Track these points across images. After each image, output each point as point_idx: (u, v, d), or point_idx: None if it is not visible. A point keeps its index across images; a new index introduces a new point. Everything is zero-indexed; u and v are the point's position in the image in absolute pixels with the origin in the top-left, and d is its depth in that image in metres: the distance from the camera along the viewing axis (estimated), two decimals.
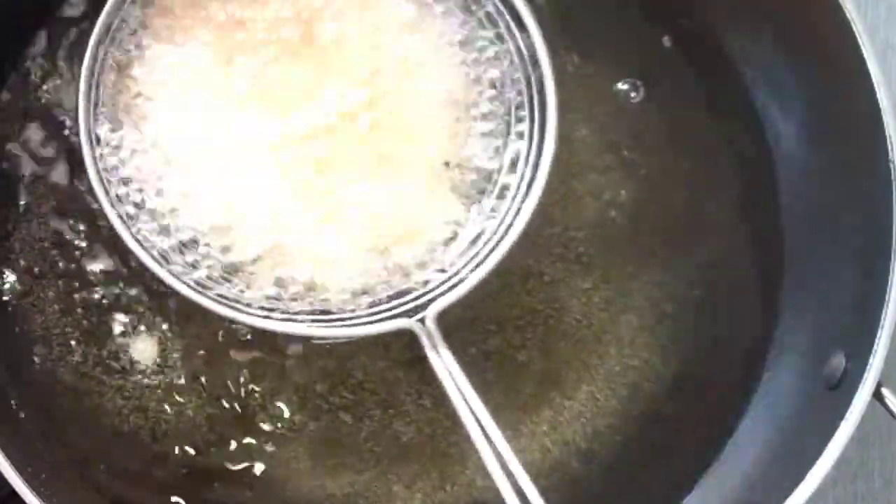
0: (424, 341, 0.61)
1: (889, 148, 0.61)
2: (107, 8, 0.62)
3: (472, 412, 0.59)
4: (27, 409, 0.66)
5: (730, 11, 0.70)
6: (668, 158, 0.70)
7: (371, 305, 0.63)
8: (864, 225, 0.64)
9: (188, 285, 0.61)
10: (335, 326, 0.62)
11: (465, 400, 0.59)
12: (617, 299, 0.69)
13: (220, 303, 0.62)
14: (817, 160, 0.68)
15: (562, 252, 0.69)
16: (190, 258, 0.62)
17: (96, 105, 0.63)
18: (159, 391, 0.67)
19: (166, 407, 0.67)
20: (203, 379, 0.67)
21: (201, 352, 0.67)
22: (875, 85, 0.62)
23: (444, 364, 0.60)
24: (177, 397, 0.67)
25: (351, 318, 0.62)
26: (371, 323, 0.62)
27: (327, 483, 0.67)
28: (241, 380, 0.67)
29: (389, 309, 0.62)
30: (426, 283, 0.63)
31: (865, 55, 0.62)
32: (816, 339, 0.66)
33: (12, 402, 0.66)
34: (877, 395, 0.60)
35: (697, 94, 0.71)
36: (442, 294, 0.62)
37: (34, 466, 0.60)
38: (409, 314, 0.62)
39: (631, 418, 0.68)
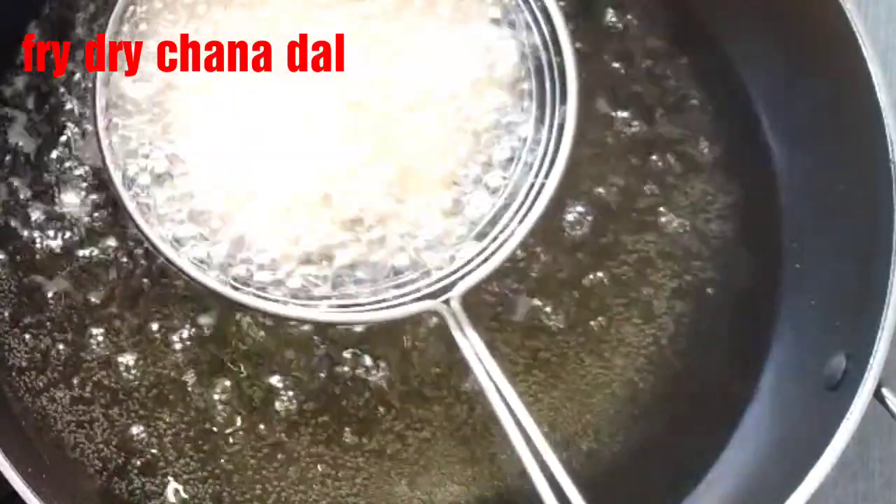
0: (451, 323, 0.60)
1: (889, 148, 0.61)
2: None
3: (500, 393, 0.59)
4: (22, 410, 0.67)
5: (729, 12, 0.70)
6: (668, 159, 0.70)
7: (394, 288, 0.62)
8: (864, 225, 0.64)
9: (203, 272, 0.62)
10: (359, 311, 0.62)
11: (493, 381, 0.59)
12: (617, 299, 0.69)
13: (239, 290, 0.61)
14: (817, 160, 0.68)
15: (562, 252, 0.69)
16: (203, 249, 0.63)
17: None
18: (160, 388, 0.67)
19: (166, 408, 0.67)
20: (200, 376, 0.67)
21: (198, 348, 0.67)
22: (875, 85, 0.62)
23: (472, 345, 0.60)
24: (175, 397, 0.67)
25: (375, 303, 0.62)
26: (396, 306, 0.61)
27: (327, 482, 0.67)
28: (238, 376, 0.67)
29: (413, 291, 0.62)
30: (451, 263, 0.62)
31: (865, 55, 0.62)
32: (816, 339, 0.66)
33: (9, 401, 0.67)
34: (877, 395, 0.60)
35: (697, 94, 0.71)
36: (467, 274, 0.62)
37: (34, 466, 0.60)
38: (433, 296, 0.61)
39: (631, 418, 0.68)
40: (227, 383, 0.67)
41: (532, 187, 0.63)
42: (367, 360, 0.67)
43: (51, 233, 0.68)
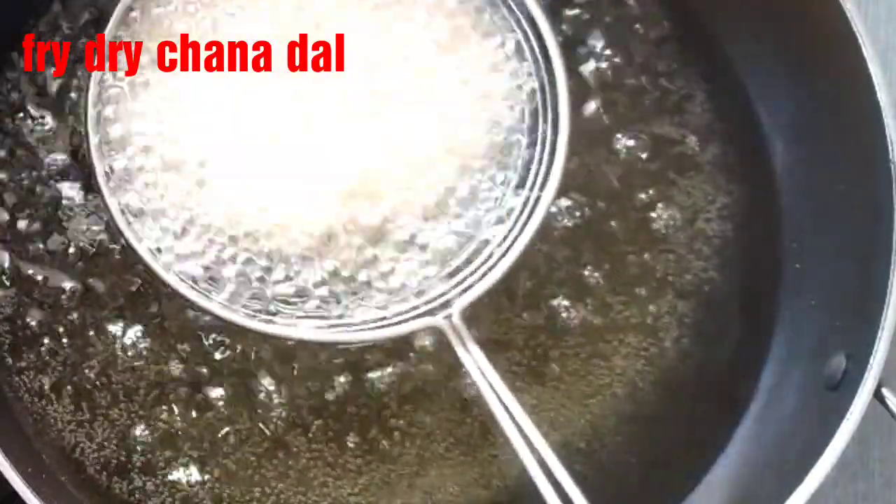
0: (453, 339, 0.60)
1: (889, 148, 0.61)
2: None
3: (505, 407, 0.59)
4: (22, 410, 0.67)
5: (729, 12, 0.70)
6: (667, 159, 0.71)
7: (394, 305, 0.62)
8: (864, 226, 0.64)
9: (203, 294, 0.61)
10: (358, 330, 0.61)
11: (497, 394, 0.59)
12: (618, 298, 0.69)
13: (236, 311, 0.61)
14: (817, 160, 0.68)
15: (560, 253, 0.69)
16: (200, 253, 0.62)
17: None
18: (160, 388, 0.67)
19: (166, 408, 0.67)
20: (200, 376, 0.67)
21: (199, 348, 0.67)
22: (875, 85, 0.62)
23: (475, 360, 0.60)
24: (175, 397, 0.67)
25: (374, 321, 0.62)
26: (395, 324, 0.61)
27: (327, 482, 0.67)
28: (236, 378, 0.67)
29: (413, 308, 0.62)
30: (450, 279, 0.62)
31: (865, 55, 0.62)
32: (816, 339, 0.66)
33: (9, 401, 0.67)
34: (877, 395, 0.60)
35: (697, 94, 0.71)
36: (467, 289, 0.61)
37: (34, 466, 0.60)
38: (433, 313, 0.61)
39: (631, 418, 0.68)
40: (228, 383, 0.67)
41: (528, 200, 0.63)
42: (368, 362, 0.67)
43: (50, 232, 0.68)
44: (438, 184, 0.63)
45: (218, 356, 0.67)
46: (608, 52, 0.71)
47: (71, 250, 0.67)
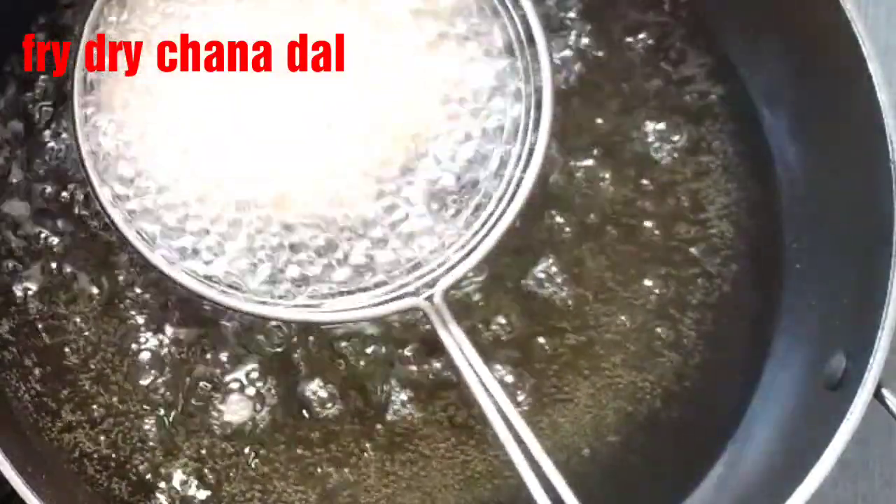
0: (434, 319, 0.60)
1: (889, 148, 0.61)
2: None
3: (486, 388, 0.59)
4: (22, 410, 0.67)
5: (730, 12, 0.70)
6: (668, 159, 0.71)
7: (376, 286, 0.62)
8: (864, 226, 0.64)
9: (188, 273, 0.61)
10: (341, 311, 0.61)
11: (479, 376, 0.59)
12: (618, 299, 0.69)
13: (221, 292, 0.61)
14: (817, 160, 0.68)
15: (557, 254, 0.69)
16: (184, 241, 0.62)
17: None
18: (160, 388, 0.67)
19: (167, 408, 0.67)
20: (200, 376, 0.67)
21: (197, 349, 0.67)
22: (875, 85, 0.62)
23: (456, 342, 0.60)
24: (175, 398, 0.67)
25: (357, 301, 0.61)
26: (377, 305, 0.61)
27: (327, 482, 0.67)
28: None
29: (395, 289, 0.61)
30: (431, 259, 0.62)
31: (865, 55, 0.62)
32: (816, 339, 0.66)
33: (9, 401, 0.67)
34: (877, 395, 0.60)
35: (697, 94, 0.71)
36: (449, 270, 0.61)
37: (34, 466, 0.60)
38: (415, 293, 0.61)
39: (631, 419, 0.68)
40: (228, 384, 0.67)
41: (510, 181, 0.63)
42: (367, 361, 0.67)
43: (50, 229, 0.68)
44: (425, 169, 0.63)
45: (217, 357, 0.67)
46: (607, 52, 0.71)
47: (74, 248, 0.68)
